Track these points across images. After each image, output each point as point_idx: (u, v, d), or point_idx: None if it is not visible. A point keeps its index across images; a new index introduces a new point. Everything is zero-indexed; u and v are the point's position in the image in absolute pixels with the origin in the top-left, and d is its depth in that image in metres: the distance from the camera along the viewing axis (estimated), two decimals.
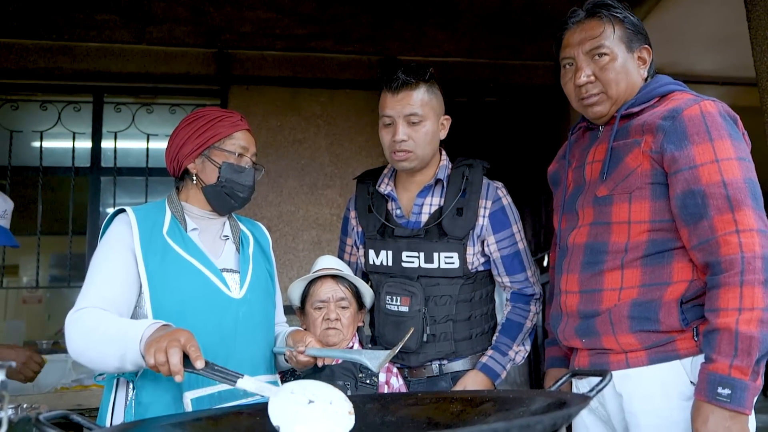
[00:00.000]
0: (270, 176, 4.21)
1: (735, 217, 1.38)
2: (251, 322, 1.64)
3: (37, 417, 0.91)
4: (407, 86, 1.88)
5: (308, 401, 1.18)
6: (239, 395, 1.51)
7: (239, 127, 1.72)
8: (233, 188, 1.69)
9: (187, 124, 1.72)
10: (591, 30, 1.60)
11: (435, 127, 1.93)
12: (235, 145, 1.70)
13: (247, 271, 1.69)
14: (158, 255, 1.57)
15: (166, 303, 1.53)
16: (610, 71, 1.59)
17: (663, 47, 4.14)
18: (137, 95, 4.36)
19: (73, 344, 1.46)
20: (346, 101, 4.44)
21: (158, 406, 1.47)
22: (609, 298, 1.54)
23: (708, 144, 1.43)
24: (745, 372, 1.32)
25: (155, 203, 1.72)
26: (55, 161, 4.37)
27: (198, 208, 1.72)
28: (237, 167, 1.69)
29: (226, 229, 1.75)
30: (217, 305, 1.59)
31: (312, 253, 4.12)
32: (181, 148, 1.70)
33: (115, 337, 1.39)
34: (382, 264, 1.99)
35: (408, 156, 1.91)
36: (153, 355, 1.28)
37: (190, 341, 1.29)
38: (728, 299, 1.36)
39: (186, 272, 1.58)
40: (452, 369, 1.95)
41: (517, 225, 1.98)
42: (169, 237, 1.61)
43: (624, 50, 1.60)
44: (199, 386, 1.49)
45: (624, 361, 1.52)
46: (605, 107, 1.62)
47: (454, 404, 1.24)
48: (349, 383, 1.82)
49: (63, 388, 3.11)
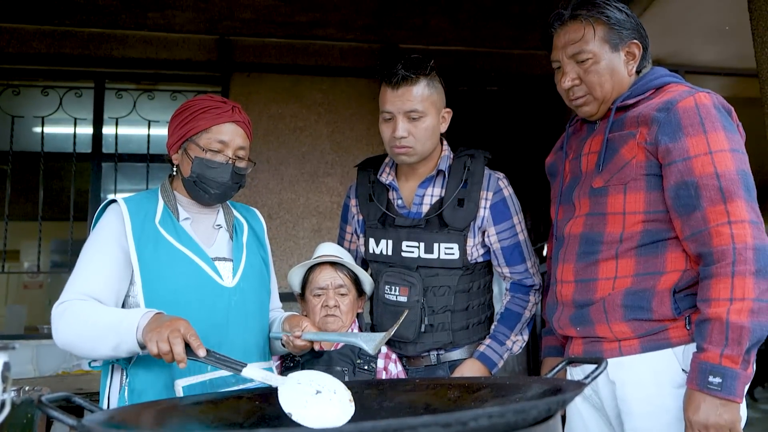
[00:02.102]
0: (271, 164, 4.22)
1: (727, 208, 1.40)
2: (244, 310, 1.65)
3: (40, 398, 0.92)
4: (407, 81, 1.84)
5: (315, 391, 1.24)
6: (231, 383, 1.54)
7: (221, 119, 1.64)
8: (205, 183, 1.64)
9: (177, 113, 1.70)
10: (572, 33, 1.60)
11: (435, 122, 1.90)
12: (210, 140, 1.63)
13: (240, 260, 1.70)
14: (150, 244, 1.57)
15: (159, 292, 1.54)
16: (593, 74, 1.60)
17: (664, 38, 4.14)
18: (139, 81, 4.36)
19: (62, 335, 1.49)
20: (348, 89, 4.44)
21: (151, 392, 1.49)
22: (603, 287, 1.56)
23: (702, 136, 1.44)
24: (735, 361, 1.34)
25: (148, 192, 1.72)
26: (57, 147, 4.38)
27: (187, 198, 1.72)
28: (208, 162, 1.63)
29: (219, 218, 1.75)
30: (209, 294, 1.59)
31: (312, 241, 4.14)
32: (169, 138, 1.70)
33: (109, 326, 1.43)
34: (382, 253, 2.00)
35: (408, 151, 1.89)
36: (156, 345, 1.32)
37: (189, 330, 1.34)
38: (719, 290, 1.37)
39: (178, 262, 1.58)
40: (450, 358, 1.96)
41: (518, 216, 1.98)
42: (162, 227, 1.61)
43: (608, 50, 1.59)
44: (191, 374, 1.51)
45: (617, 349, 1.54)
46: (593, 107, 1.64)
47: (452, 390, 1.26)
48: (347, 369, 1.83)
49: (64, 372, 3.15)
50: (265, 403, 1.27)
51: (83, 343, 1.47)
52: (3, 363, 0.78)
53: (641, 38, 1.62)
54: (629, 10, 1.64)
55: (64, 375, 3.08)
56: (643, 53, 1.63)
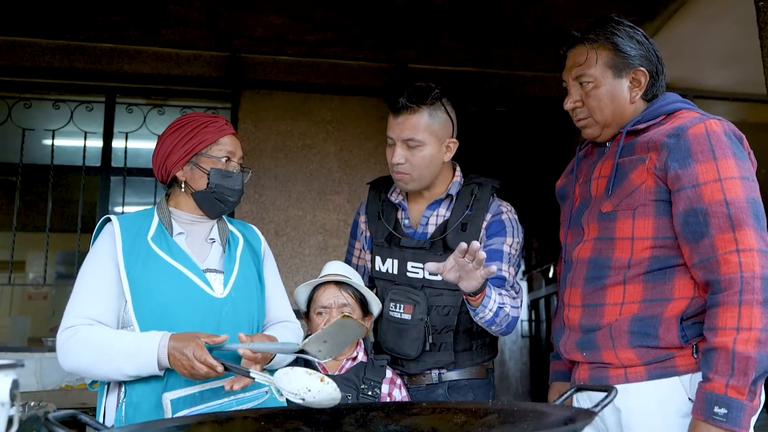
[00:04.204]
0: (278, 180, 4.23)
1: (736, 236, 1.39)
2: (235, 320, 1.67)
3: (46, 416, 0.92)
4: (408, 110, 1.87)
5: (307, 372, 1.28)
6: (221, 394, 1.56)
7: (225, 131, 1.74)
8: (223, 193, 1.72)
9: (173, 131, 1.73)
10: (578, 57, 1.64)
11: (435, 151, 1.91)
12: (222, 151, 1.72)
13: (231, 271, 1.72)
14: (140, 260, 1.61)
15: (148, 307, 1.58)
16: (593, 98, 1.62)
17: (674, 62, 4.15)
18: (149, 96, 4.39)
19: (71, 362, 1.54)
20: (357, 108, 4.46)
21: (146, 405, 1.54)
22: (610, 312, 1.55)
23: (712, 163, 1.44)
24: (741, 392, 1.32)
25: (145, 211, 1.76)
26: (66, 160, 4.40)
27: (186, 213, 1.76)
28: (225, 172, 1.72)
29: (213, 232, 1.78)
30: (200, 305, 1.62)
31: (318, 258, 4.14)
32: (169, 156, 1.72)
33: (125, 357, 1.50)
34: (388, 271, 2.01)
35: (404, 178, 1.92)
36: (192, 378, 1.47)
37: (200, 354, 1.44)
38: (726, 318, 1.36)
39: (168, 275, 1.62)
40: (450, 378, 1.96)
41: (513, 238, 1.93)
42: (154, 242, 1.65)
43: (610, 76, 1.61)
44: (179, 386, 1.54)
45: (623, 375, 1.53)
46: (595, 130, 1.66)
47: (458, 415, 1.25)
48: (350, 395, 1.82)
49: (67, 385, 3.14)
50: (270, 423, 1.27)
51: (95, 370, 1.53)
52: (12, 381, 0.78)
53: (650, 65, 1.62)
54: (643, 34, 1.64)
55: (67, 389, 3.07)
56: (654, 80, 1.63)
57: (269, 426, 1.26)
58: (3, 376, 0.79)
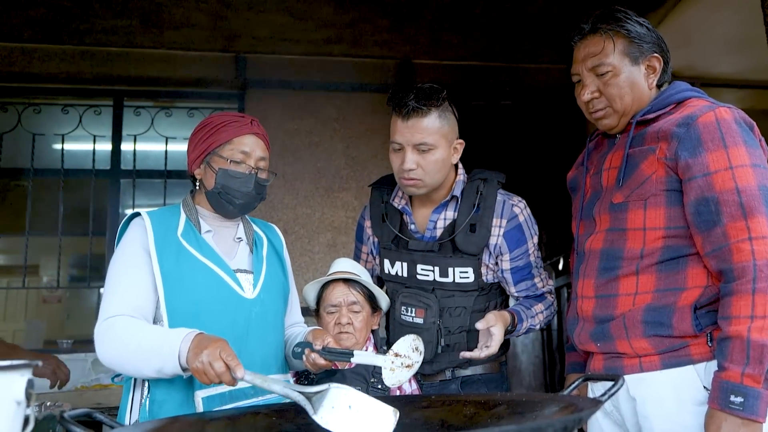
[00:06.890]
0: (286, 179, 4.25)
1: (748, 224, 1.38)
2: (264, 321, 1.66)
3: (62, 415, 0.94)
4: (418, 113, 1.79)
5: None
6: (249, 394, 1.54)
7: (242, 131, 1.68)
8: (229, 194, 1.67)
9: (196, 130, 1.73)
10: (593, 47, 1.61)
11: (446, 154, 1.85)
12: (232, 151, 1.67)
13: (260, 272, 1.71)
14: (172, 256, 1.59)
15: (181, 303, 1.56)
16: (613, 87, 1.60)
17: (680, 50, 4.12)
18: (156, 99, 4.42)
19: (107, 355, 1.51)
20: (362, 104, 4.46)
21: (171, 404, 1.51)
22: (624, 303, 1.54)
23: (722, 151, 1.43)
24: (757, 380, 1.32)
25: (170, 207, 1.74)
26: (76, 164, 4.44)
27: (209, 211, 1.74)
28: (232, 173, 1.66)
29: (239, 231, 1.77)
30: (231, 305, 1.60)
31: (327, 256, 4.15)
32: (189, 155, 1.73)
33: (151, 350, 1.44)
34: (398, 274, 1.99)
35: (416, 183, 1.85)
36: (203, 376, 1.35)
37: (226, 351, 1.34)
38: (740, 307, 1.36)
39: (200, 273, 1.60)
40: (463, 374, 1.96)
41: (533, 239, 1.96)
42: (184, 239, 1.62)
43: (628, 63, 1.60)
44: (210, 386, 1.51)
45: (638, 365, 1.52)
46: (613, 120, 1.63)
47: (467, 407, 1.26)
48: (360, 388, 1.83)
49: (83, 386, 3.17)
50: (282, 419, 1.28)
51: (127, 364, 1.48)
52: (27, 380, 0.80)
53: (662, 52, 1.62)
54: (649, 24, 1.64)
55: (83, 390, 3.09)
56: (664, 67, 1.63)
57: (280, 421, 1.27)
58: (18, 376, 0.81)
